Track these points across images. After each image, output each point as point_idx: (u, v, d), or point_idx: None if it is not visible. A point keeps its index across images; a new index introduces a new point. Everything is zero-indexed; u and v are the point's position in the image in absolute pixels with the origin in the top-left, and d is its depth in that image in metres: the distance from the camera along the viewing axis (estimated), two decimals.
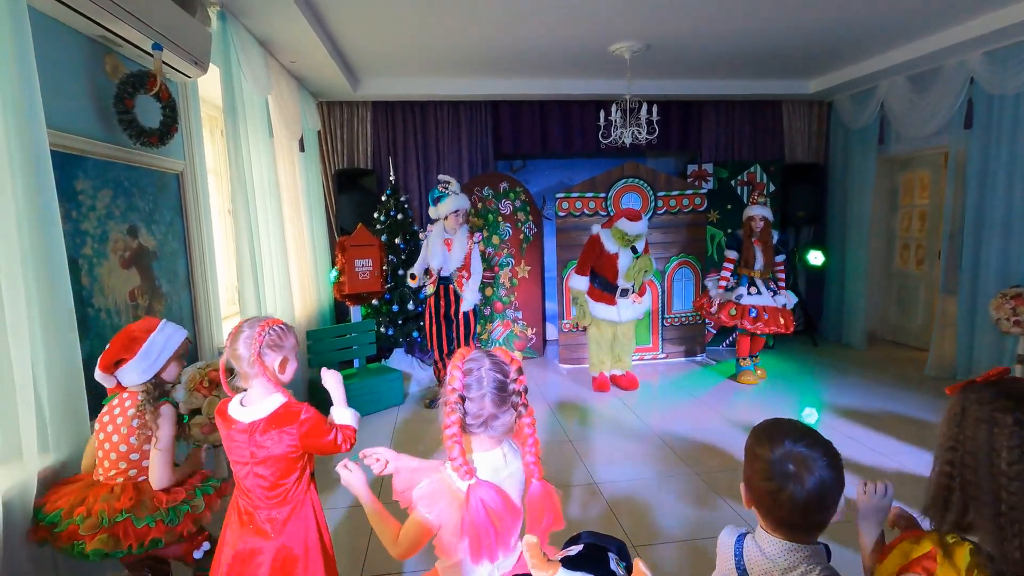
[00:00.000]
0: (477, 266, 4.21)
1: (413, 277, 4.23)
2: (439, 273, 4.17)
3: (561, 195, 5.10)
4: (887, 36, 4.20)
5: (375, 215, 4.99)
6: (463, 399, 1.14)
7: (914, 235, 5.50)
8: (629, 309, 4.38)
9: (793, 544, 0.98)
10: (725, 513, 2.59)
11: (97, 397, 1.87)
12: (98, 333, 2.06)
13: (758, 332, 4.39)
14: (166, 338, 1.74)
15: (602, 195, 5.11)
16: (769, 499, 0.97)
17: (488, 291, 5.37)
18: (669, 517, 2.57)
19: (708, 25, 3.83)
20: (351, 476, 1.31)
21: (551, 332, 5.94)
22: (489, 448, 1.21)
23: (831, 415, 3.83)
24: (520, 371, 1.19)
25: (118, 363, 1.68)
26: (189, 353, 1.91)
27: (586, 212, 5.12)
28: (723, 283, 4.47)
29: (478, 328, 4.42)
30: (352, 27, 3.70)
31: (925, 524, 1.06)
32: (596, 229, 4.37)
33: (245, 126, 3.18)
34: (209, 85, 3.17)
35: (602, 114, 4.59)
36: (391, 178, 5.10)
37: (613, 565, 0.91)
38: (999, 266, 4.14)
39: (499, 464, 1.20)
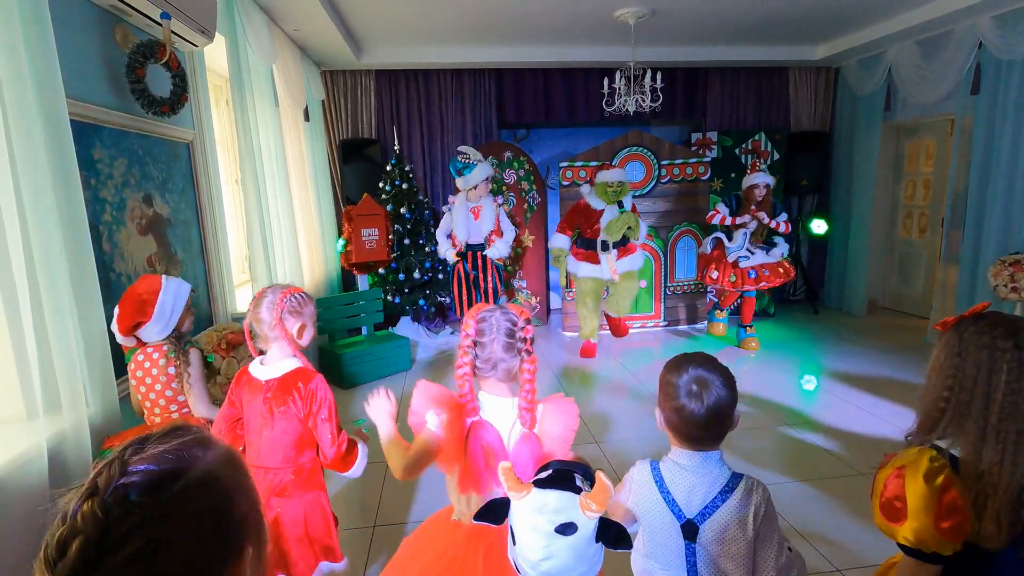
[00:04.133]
0: (508, 225, 4.44)
1: (449, 253, 4.41)
2: (465, 242, 4.33)
3: (565, 164, 5.12)
4: (896, 0, 4.14)
5: (380, 185, 5.03)
6: (475, 344, 1.25)
7: (918, 203, 5.50)
8: (611, 265, 4.38)
9: (703, 453, 1.15)
10: None
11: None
12: (119, 297, 2.14)
13: (763, 288, 4.48)
14: (173, 295, 1.84)
15: (606, 164, 5.11)
16: (676, 417, 1.14)
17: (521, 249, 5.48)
18: None
19: None
20: (383, 404, 1.38)
21: (555, 301, 6.02)
22: (499, 394, 1.30)
23: (831, 381, 3.92)
24: (528, 322, 1.28)
25: (136, 325, 1.79)
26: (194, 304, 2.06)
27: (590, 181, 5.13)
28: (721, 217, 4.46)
29: (501, 289, 4.52)
30: None
31: None
32: (585, 191, 4.44)
33: (252, 95, 3.21)
34: (215, 55, 3.19)
35: (606, 82, 4.57)
36: (396, 148, 5.12)
37: (579, 482, 1.02)
38: (1000, 234, 4.17)
39: (506, 411, 1.29)
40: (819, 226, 5.83)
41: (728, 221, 4.40)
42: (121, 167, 2.22)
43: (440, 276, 5.14)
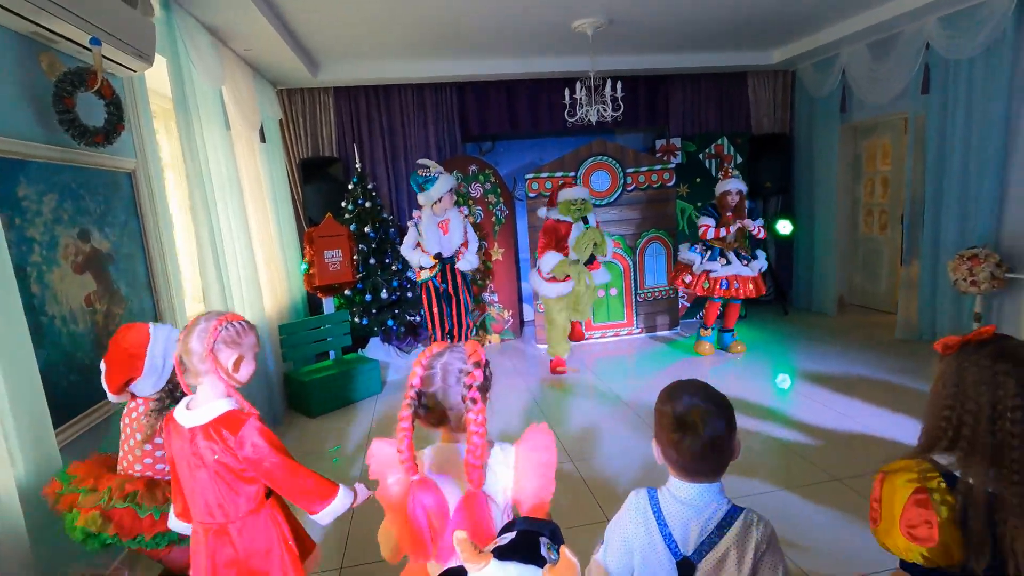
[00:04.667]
0: (473, 235, 4.39)
1: (421, 268, 4.30)
2: (437, 253, 4.25)
3: (531, 175, 5.08)
4: (847, 3, 4.22)
5: (343, 204, 4.91)
6: (420, 395, 1.16)
7: (877, 201, 5.61)
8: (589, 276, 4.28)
9: (701, 485, 1.09)
10: None
11: (65, 411, 1.84)
12: (53, 341, 2.00)
13: (731, 298, 4.46)
14: (164, 345, 1.72)
15: (571, 174, 5.10)
16: (674, 449, 1.08)
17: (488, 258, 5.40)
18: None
19: None
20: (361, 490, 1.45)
21: (527, 313, 5.96)
22: (451, 442, 1.22)
23: (803, 382, 3.93)
24: (479, 364, 1.17)
25: (128, 382, 1.69)
26: None
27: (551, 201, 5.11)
28: (699, 250, 4.47)
29: (472, 303, 4.41)
30: (306, 11, 3.59)
31: None
32: (543, 214, 4.34)
33: (199, 119, 3.08)
34: (161, 78, 3.06)
35: (567, 92, 4.55)
36: (357, 166, 5.02)
37: (544, 551, 0.93)
38: (957, 229, 4.26)
39: (455, 461, 1.19)
40: (784, 227, 5.90)
41: (718, 233, 4.37)
42: (51, 203, 2.08)
43: (409, 295, 5.03)
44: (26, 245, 1.93)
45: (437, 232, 4.21)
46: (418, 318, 5.08)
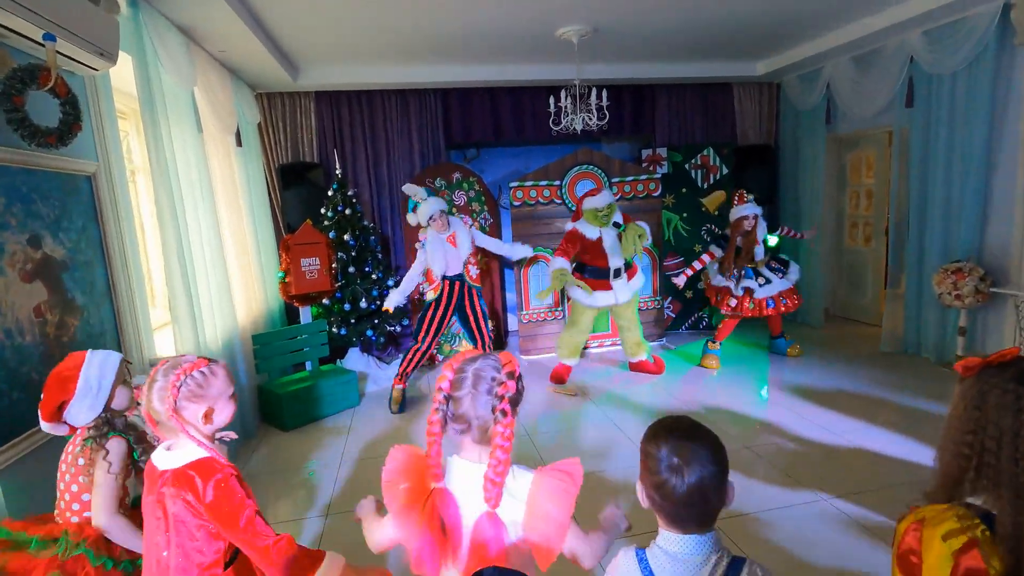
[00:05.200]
0: (487, 239, 4.30)
1: (387, 310, 4.11)
2: (443, 275, 4.04)
3: (515, 184, 5.01)
4: (830, 17, 4.22)
5: (322, 211, 4.80)
6: (448, 399, 1.10)
7: (862, 213, 5.61)
8: (625, 289, 4.22)
9: (692, 537, 1.00)
10: None
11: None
12: None
13: (783, 312, 4.47)
14: (99, 366, 1.58)
15: (556, 183, 5.04)
16: (658, 494, 0.99)
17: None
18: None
19: (654, 8, 3.77)
20: (367, 503, 1.34)
21: (511, 323, 5.86)
22: (473, 458, 1.15)
23: (786, 395, 3.88)
24: (512, 375, 1.11)
25: (60, 407, 1.53)
26: (132, 374, 1.75)
27: (541, 200, 5.04)
28: (686, 275, 4.43)
29: (487, 314, 4.23)
30: (284, 13, 3.49)
31: None
32: (569, 226, 4.24)
33: (167, 121, 2.96)
34: (132, 77, 2.93)
35: (552, 100, 4.49)
36: (338, 172, 4.91)
37: None
38: (941, 242, 4.25)
39: (476, 480, 1.11)
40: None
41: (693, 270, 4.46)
42: None
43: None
44: None
45: (444, 248, 4.00)
46: (399, 328, 4.96)
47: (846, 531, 2.31)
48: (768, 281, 4.43)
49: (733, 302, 4.41)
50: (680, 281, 4.44)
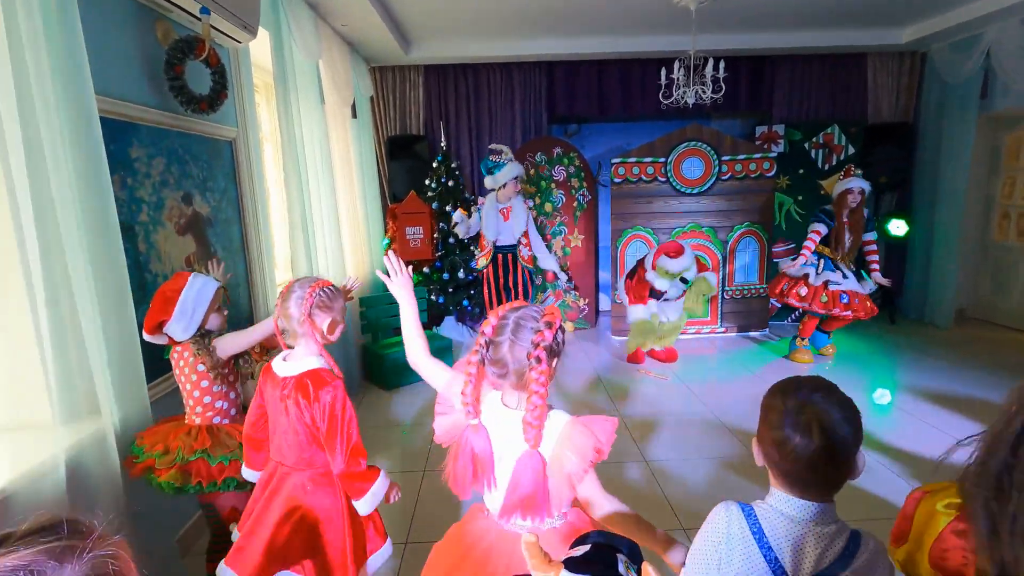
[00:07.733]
0: (535, 230, 4.37)
1: (455, 224, 4.31)
2: (493, 244, 4.17)
3: (617, 160, 4.87)
4: None
5: (426, 182, 4.95)
6: (488, 344, 1.15)
7: (1016, 203, 4.92)
8: (670, 308, 4.24)
9: (812, 503, 0.91)
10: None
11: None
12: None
13: (846, 318, 4.07)
14: (196, 292, 1.76)
15: (661, 160, 4.85)
16: (778, 452, 0.92)
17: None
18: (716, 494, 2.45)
19: None
20: (403, 280, 1.42)
21: (604, 303, 5.79)
22: (508, 404, 1.21)
23: (909, 397, 3.53)
24: (550, 325, 1.12)
25: (160, 324, 1.73)
26: (230, 301, 1.98)
27: (644, 178, 4.88)
28: (801, 260, 4.05)
29: (532, 291, 4.42)
30: None
31: None
32: (648, 262, 4.19)
33: (296, 92, 3.16)
34: (263, 51, 3.16)
35: (663, 72, 4.29)
36: (442, 144, 5.02)
37: (621, 568, 0.82)
38: None
39: (511, 423, 1.17)
40: (898, 227, 5.32)
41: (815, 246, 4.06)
42: (159, 166, 2.19)
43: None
44: (136, 205, 2.04)
45: (498, 219, 4.22)
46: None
47: None
48: (844, 276, 4.02)
49: (804, 290, 4.02)
50: (795, 270, 4.09)
